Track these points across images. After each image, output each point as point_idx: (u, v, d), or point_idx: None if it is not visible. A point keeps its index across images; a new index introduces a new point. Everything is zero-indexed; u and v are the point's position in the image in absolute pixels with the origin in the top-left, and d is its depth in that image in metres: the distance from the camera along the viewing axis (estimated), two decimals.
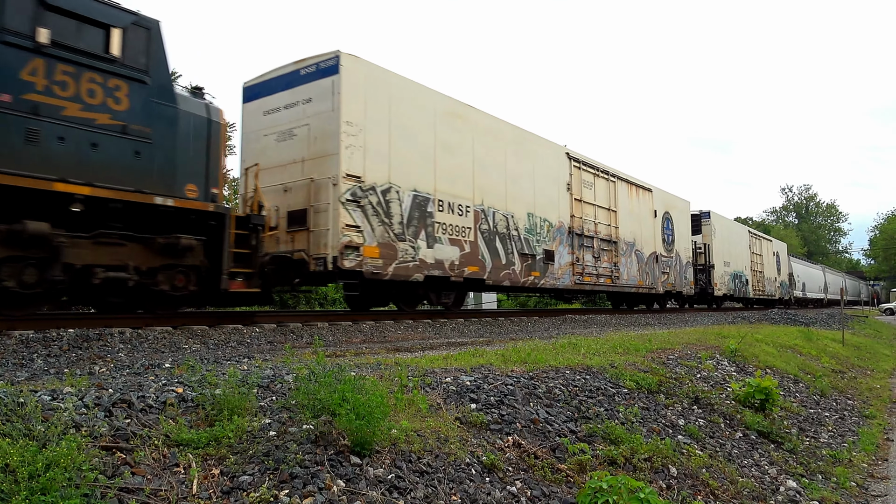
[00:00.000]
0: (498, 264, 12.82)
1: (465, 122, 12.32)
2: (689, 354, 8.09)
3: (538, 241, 14.27)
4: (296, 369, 4.07)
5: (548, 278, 14.44)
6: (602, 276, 16.85)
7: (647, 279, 19.54)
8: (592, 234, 16.58)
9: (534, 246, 14.10)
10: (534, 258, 14.05)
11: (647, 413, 5.28)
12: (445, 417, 3.88)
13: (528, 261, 13.82)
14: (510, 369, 5.22)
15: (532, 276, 13.93)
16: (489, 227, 12.65)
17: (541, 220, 14.48)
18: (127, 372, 4.65)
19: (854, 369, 12.53)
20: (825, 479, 5.47)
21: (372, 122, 10.16)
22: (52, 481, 2.19)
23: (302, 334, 8.54)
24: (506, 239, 13.10)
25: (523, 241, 13.69)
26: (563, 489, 3.63)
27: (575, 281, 15.62)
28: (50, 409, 2.81)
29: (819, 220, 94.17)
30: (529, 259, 13.89)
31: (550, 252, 14.66)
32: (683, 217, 23.36)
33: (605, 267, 17.06)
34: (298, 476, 2.78)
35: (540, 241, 14.31)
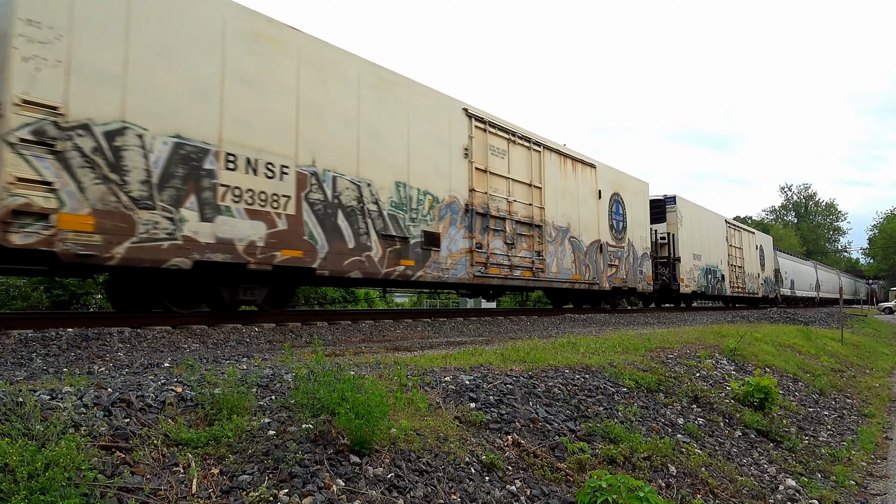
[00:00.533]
0: (341, 248, 9.37)
1: (281, 49, 8.81)
2: (689, 353, 8.10)
3: (414, 221, 10.77)
4: (295, 368, 4.07)
5: (429, 269, 10.97)
6: (519, 268, 13.32)
7: (586, 272, 16.11)
8: (504, 215, 13.02)
9: (406, 226, 10.58)
10: (405, 242, 10.56)
11: (647, 412, 5.29)
12: (445, 417, 3.88)
13: (394, 245, 10.32)
14: (509, 368, 5.22)
15: (402, 266, 10.46)
16: (325, 197, 9.19)
17: (419, 192, 10.97)
18: (126, 371, 4.65)
19: (853, 368, 12.54)
20: (824, 478, 5.48)
21: (87, 26, 6.76)
22: (51, 481, 2.19)
23: (301, 333, 8.54)
24: (356, 215, 9.64)
25: (387, 219, 10.24)
26: (563, 488, 3.63)
27: (475, 273, 12.01)
28: (49, 408, 2.80)
29: (818, 219, 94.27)
30: (398, 243, 10.42)
31: (433, 235, 11.13)
32: (639, 201, 19.63)
33: (523, 256, 13.52)
34: (298, 475, 2.78)
35: (417, 221, 10.82)
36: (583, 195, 16.41)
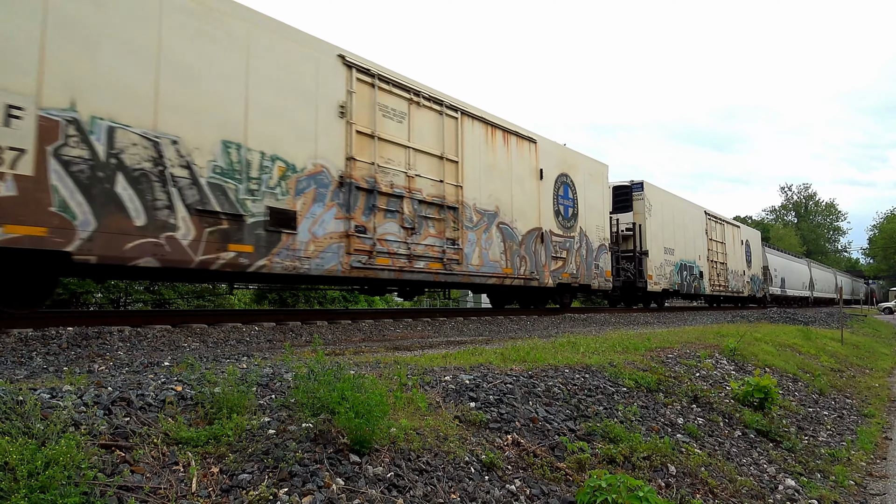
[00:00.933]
0: (122, 226, 6.89)
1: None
2: (689, 353, 8.10)
3: (253, 194, 8.20)
4: (295, 368, 4.07)
5: (278, 257, 8.43)
6: (423, 259, 10.74)
7: (521, 266, 13.31)
8: (402, 193, 10.44)
9: (239, 201, 8.03)
10: (238, 221, 8.01)
11: (646, 412, 5.29)
12: (445, 416, 3.89)
13: (218, 224, 7.80)
14: (509, 368, 5.23)
15: (231, 253, 7.89)
16: (93, 155, 6.70)
17: (263, 157, 8.38)
18: (126, 370, 4.65)
19: (853, 368, 12.55)
20: (824, 478, 5.48)
21: None
22: (51, 479, 2.19)
23: (301, 333, 8.54)
24: (151, 182, 7.14)
25: (207, 190, 7.70)
26: (563, 488, 3.63)
27: (352, 264, 9.45)
28: (49, 407, 2.80)
29: (818, 219, 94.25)
30: (224, 221, 7.87)
31: (286, 213, 8.61)
32: (595, 185, 16.79)
33: (429, 245, 10.88)
34: (297, 474, 2.78)
35: (259, 194, 8.28)
36: (518, 174, 13.50)
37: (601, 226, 17.11)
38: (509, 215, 13.16)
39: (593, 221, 16.61)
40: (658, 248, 20.93)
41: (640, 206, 20.26)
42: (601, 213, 17.16)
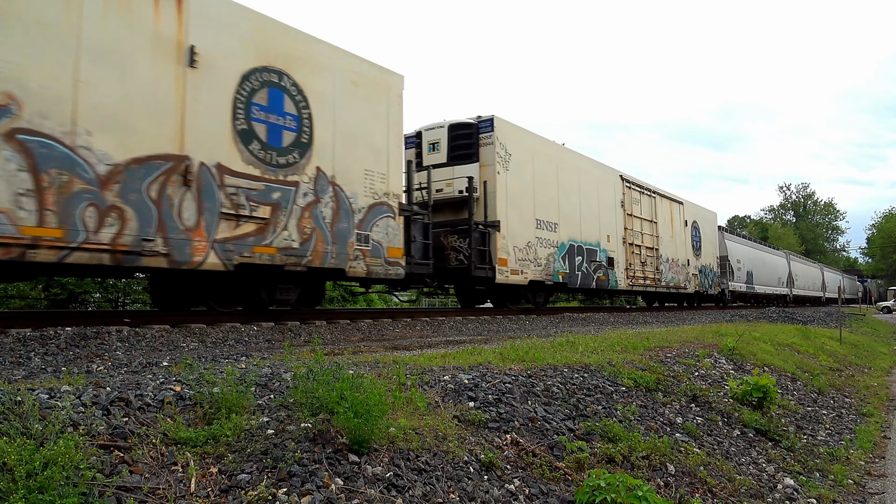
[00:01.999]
0: None
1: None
2: (687, 352, 8.10)
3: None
4: (294, 367, 4.07)
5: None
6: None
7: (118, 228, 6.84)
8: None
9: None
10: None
11: (645, 411, 5.29)
12: (444, 416, 3.89)
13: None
14: (508, 367, 5.23)
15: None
16: None
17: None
18: (125, 370, 4.65)
19: (851, 367, 12.56)
20: (823, 477, 5.49)
21: None
22: (49, 480, 2.19)
23: (300, 332, 8.53)
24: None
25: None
26: (562, 487, 3.63)
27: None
28: (47, 407, 2.80)
29: (817, 218, 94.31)
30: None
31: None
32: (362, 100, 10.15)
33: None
34: (296, 474, 2.78)
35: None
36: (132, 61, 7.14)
37: (382, 172, 10.21)
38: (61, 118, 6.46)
39: (359, 161, 9.80)
40: (522, 220, 14.00)
41: (490, 155, 13.26)
42: (380, 148, 10.25)
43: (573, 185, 16.39)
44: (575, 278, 16.02)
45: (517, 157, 14.07)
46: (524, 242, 14.09)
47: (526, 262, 14.08)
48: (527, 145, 14.58)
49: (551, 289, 16.04)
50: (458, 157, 13.54)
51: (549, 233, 15.10)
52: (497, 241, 13.16)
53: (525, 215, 14.23)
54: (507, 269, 13.40)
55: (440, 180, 13.19)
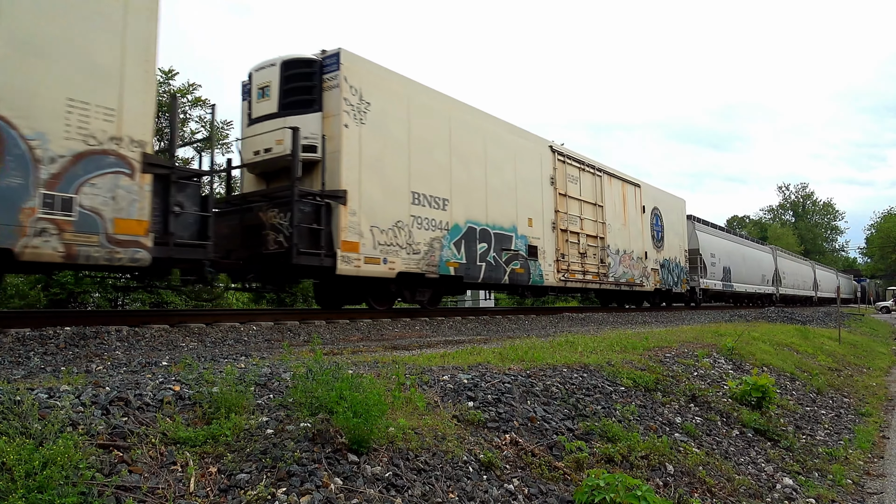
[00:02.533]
0: None
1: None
2: (686, 352, 8.11)
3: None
4: (293, 367, 4.07)
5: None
6: None
7: None
8: None
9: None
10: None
11: (644, 411, 5.29)
12: (443, 415, 3.89)
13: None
14: (507, 367, 5.23)
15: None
16: None
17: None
18: (124, 370, 4.65)
19: (850, 367, 12.57)
20: (821, 477, 5.49)
21: None
22: (48, 479, 2.19)
23: (299, 332, 8.53)
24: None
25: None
26: (561, 487, 3.64)
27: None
28: (47, 407, 2.80)
29: (816, 218, 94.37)
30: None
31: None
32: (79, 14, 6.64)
33: None
34: (296, 474, 2.78)
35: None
36: None
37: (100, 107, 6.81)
38: None
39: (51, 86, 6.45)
40: (388, 192, 10.55)
41: (335, 101, 9.93)
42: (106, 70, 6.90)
43: (475, 151, 12.77)
44: (475, 270, 12.40)
45: (381, 107, 10.52)
46: (391, 222, 10.53)
47: (393, 248, 10.52)
48: (398, 94, 10.97)
49: (437, 283, 12.11)
50: (294, 104, 10.07)
51: (433, 211, 11.50)
52: (341, 218, 9.63)
53: (393, 186, 10.65)
54: (359, 255, 9.85)
55: (268, 133, 9.91)
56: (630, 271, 18.94)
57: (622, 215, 18.83)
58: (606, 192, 17.99)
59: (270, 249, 9.51)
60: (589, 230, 16.84)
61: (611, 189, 18.28)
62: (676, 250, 22.99)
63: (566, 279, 15.49)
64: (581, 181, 16.77)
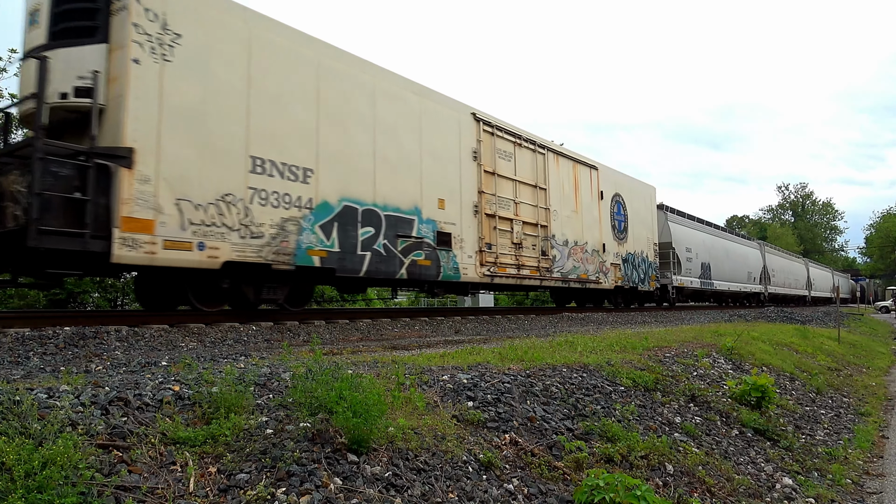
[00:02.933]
0: None
1: None
2: (686, 352, 8.11)
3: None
4: (293, 367, 4.07)
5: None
6: None
7: None
8: None
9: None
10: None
11: (644, 411, 5.29)
12: (442, 415, 3.89)
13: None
14: (507, 367, 5.23)
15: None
16: None
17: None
18: (123, 370, 4.64)
19: (850, 367, 12.58)
20: (821, 477, 5.50)
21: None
22: (48, 479, 2.19)
23: (299, 332, 8.53)
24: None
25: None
26: (560, 487, 3.64)
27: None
28: (46, 407, 2.80)
29: (815, 218, 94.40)
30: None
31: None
32: None
33: None
34: (295, 474, 2.78)
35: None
36: None
37: None
38: None
39: None
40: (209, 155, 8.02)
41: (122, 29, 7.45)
42: None
43: (358, 112, 10.11)
44: (354, 261, 9.75)
45: (200, 42, 8.01)
46: (215, 194, 7.96)
47: (217, 230, 7.96)
48: (232, 28, 8.41)
49: (297, 278, 9.45)
50: (68, 32, 7.54)
51: (287, 183, 8.89)
52: (124, 187, 7.10)
53: (220, 147, 8.10)
54: (155, 238, 7.33)
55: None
56: (583, 266, 16.12)
57: (573, 201, 15.99)
58: (552, 172, 15.10)
59: (8, 227, 6.93)
60: (527, 217, 13.79)
61: (558, 170, 15.38)
62: (644, 243, 20.10)
63: (493, 274, 12.52)
64: (517, 158, 13.76)
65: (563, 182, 15.68)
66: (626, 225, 19.01)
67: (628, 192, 19.36)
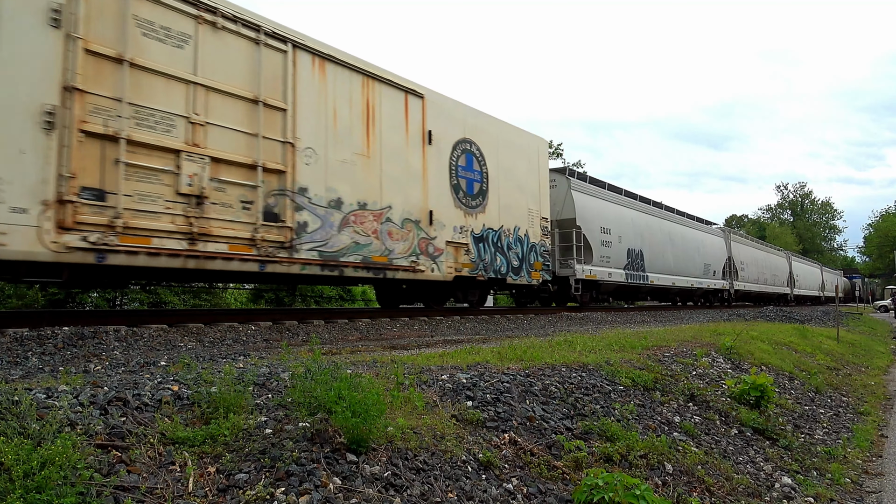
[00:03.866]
0: None
1: None
2: (685, 352, 8.11)
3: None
4: (292, 367, 4.07)
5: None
6: None
7: None
8: None
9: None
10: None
11: (643, 410, 5.30)
12: (442, 415, 3.89)
13: None
14: (506, 367, 5.23)
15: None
16: None
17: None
18: (122, 370, 4.64)
19: (849, 366, 12.59)
20: (820, 476, 5.50)
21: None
22: (47, 479, 2.19)
23: (298, 332, 8.53)
24: None
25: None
26: (560, 486, 3.64)
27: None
28: (45, 407, 2.80)
29: (814, 217, 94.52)
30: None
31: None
32: None
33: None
34: (294, 474, 2.78)
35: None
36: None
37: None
38: None
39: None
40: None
41: None
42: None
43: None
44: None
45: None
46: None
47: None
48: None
49: None
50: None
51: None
52: None
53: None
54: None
55: None
56: (378, 242, 10.41)
57: (361, 138, 10.30)
58: (307, 86, 9.41)
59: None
60: (228, 151, 8.20)
61: (324, 86, 9.72)
62: (521, 216, 14.16)
63: (108, 247, 6.87)
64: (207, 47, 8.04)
65: (338, 106, 9.90)
66: (483, 188, 12.93)
67: (492, 141, 13.33)
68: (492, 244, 13.18)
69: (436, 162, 11.80)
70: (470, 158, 12.79)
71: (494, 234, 13.29)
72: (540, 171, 15.18)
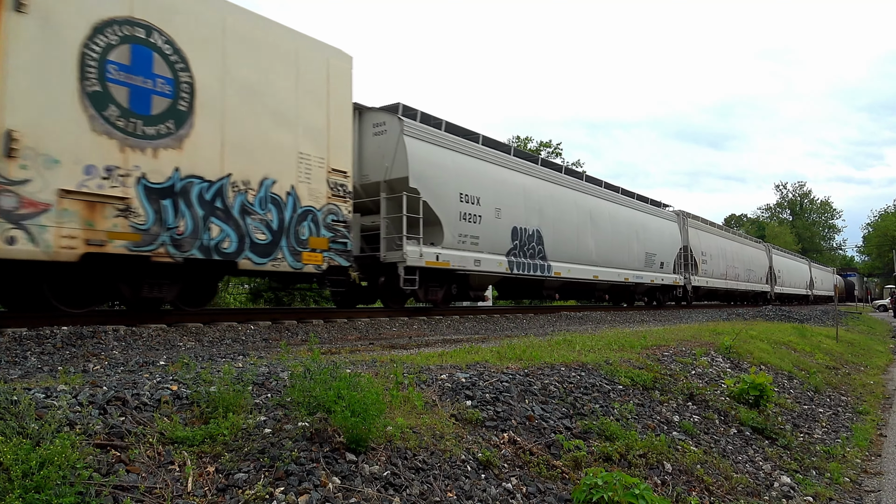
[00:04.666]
0: None
1: None
2: (684, 351, 8.11)
3: None
4: (291, 366, 4.07)
5: None
6: None
7: None
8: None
9: None
10: None
11: (642, 409, 5.30)
12: (441, 414, 3.89)
13: None
14: (505, 366, 5.23)
15: None
16: None
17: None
18: (121, 369, 4.64)
19: (848, 365, 12.59)
20: (819, 475, 5.50)
21: None
22: (46, 479, 2.19)
23: (297, 331, 8.53)
24: None
25: None
26: (559, 485, 3.64)
27: None
28: (44, 406, 2.79)
29: (813, 216, 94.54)
30: None
31: None
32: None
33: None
34: (294, 473, 2.78)
35: None
36: None
37: None
38: None
39: None
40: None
41: None
42: None
43: None
44: None
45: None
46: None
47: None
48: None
49: None
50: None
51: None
52: None
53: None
54: None
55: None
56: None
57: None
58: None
59: None
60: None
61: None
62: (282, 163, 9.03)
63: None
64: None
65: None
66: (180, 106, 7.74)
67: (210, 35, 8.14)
68: (199, 203, 7.91)
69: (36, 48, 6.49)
70: (144, 54, 7.43)
71: (207, 187, 8.03)
72: (332, 101, 9.87)
